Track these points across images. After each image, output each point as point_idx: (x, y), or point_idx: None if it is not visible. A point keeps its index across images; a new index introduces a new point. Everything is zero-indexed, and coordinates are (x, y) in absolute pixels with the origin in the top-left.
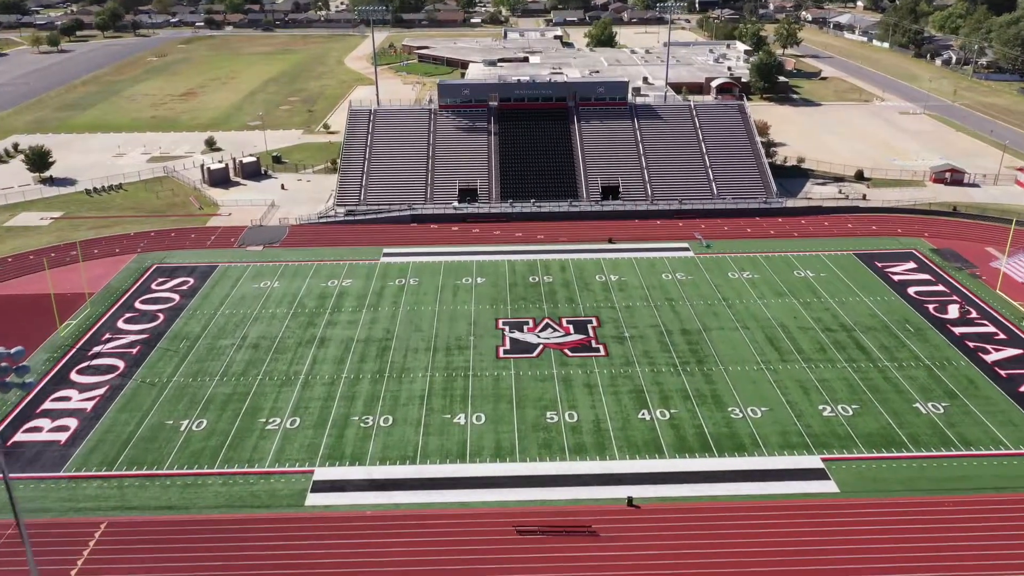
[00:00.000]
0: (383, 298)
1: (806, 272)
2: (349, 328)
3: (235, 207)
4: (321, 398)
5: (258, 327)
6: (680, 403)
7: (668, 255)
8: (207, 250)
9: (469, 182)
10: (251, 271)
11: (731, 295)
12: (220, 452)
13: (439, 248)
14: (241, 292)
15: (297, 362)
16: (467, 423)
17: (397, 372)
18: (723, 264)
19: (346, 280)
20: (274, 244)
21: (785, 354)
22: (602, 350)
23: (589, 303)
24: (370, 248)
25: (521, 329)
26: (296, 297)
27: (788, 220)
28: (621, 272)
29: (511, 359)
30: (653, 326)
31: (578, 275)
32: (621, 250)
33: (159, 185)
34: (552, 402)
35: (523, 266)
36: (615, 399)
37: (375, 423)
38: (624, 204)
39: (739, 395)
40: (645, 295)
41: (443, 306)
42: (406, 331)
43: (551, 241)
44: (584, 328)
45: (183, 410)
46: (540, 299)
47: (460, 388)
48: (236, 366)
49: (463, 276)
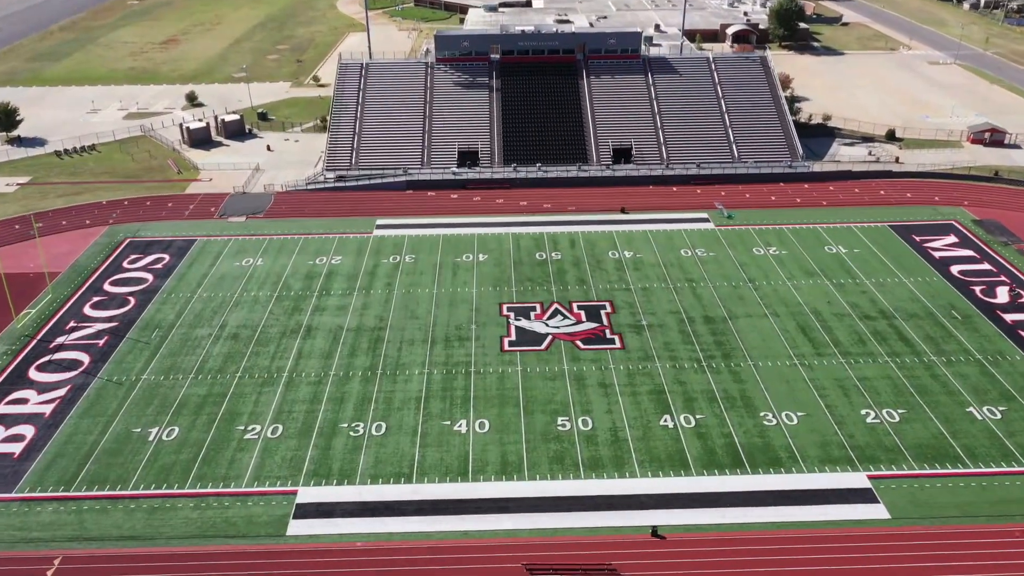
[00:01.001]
0: (376, 278)
1: (838, 247)
2: (338, 315)
3: (216, 171)
4: (306, 400)
5: (238, 313)
6: (706, 407)
7: (686, 227)
8: (185, 221)
9: (469, 144)
10: (232, 246)
11: (757, 275)
12: (192, 468)
13: (437, 219)
14: (221, 271)
15: (280, 356)
16: (469, 431)
17: (391, 368)
18: (747, 238)
19: (335, 257)
20: (258, 214)
21: (820, 347)
22: (617, 341)
23: (602, 284)
24: (362, 219)
25: (528, 316)
26: (281, 277)
27: (815, 186)
28: (636, 247)
29: (517, 352)
30: (673, 312)
31: (589, 251)
32: (635, 221)
33: (135, 146)
34: (563, 406)
35: (529, 240)
36: (633, 401)
37: (366, 431)
38: (637, 168)
39: (772, 397)
40: (663, 274)
41: (442, 288)
42: (401, 318)
43: (559, 211)
44: (597, 314)
45: (152, 415)
46: (548, 280)
47: (461, 388)
48: (213, 361)
49: (463, 252)
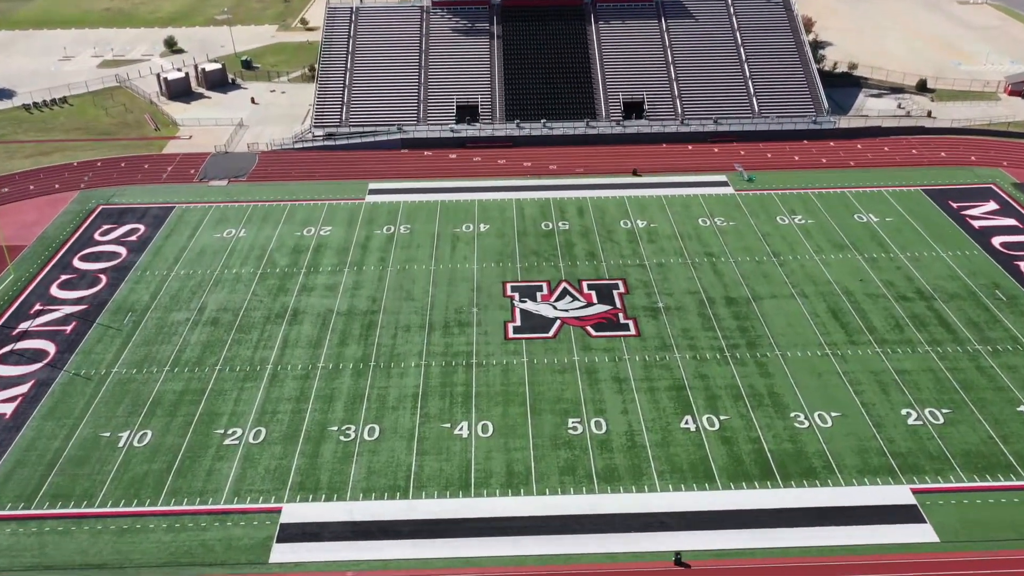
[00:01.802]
0: (368, 252)
1: (868, 215)
2: (327, 295)
3: (197, 128)
4: (292, 398)
5: (219, 294)
6: (731, 405)
7: (704, 191)
8: (162, 186)
9: (468, 98)
10: (213, 215)
11: (782, 248)
12: (166, 480)
13: (434, 183)
14: (200, 244)
15: (264, 345)
16: (471, 436)
17: (385, 360)
18: (769, 204)
19: (325, 227)
20: (241, 178)
21: (854, 333)
22: (632, 327)
23: (614, 259)
24: (353, 183)
25: (534, 297)
26: (265, 251)
27: (842, 144)
28: (650, 215)
29: (523, 340)
30: (692, 292)
31: (599, 220)
32: (649, 185)
33: (110, 98)
34: (574, 404)
35: (533, 208)
36: (651, 399)
37: (358, 435)
38: (650, 125)
39: (802, 394)
40: (680, 248)
41: (440, 264)
42: (396, 300)
43: (566, 173)
44: (609, 295)
45: (123, 416)
46: (555, 254)
47: (461, 383)
48: (190, 351)
49: (463, 222)
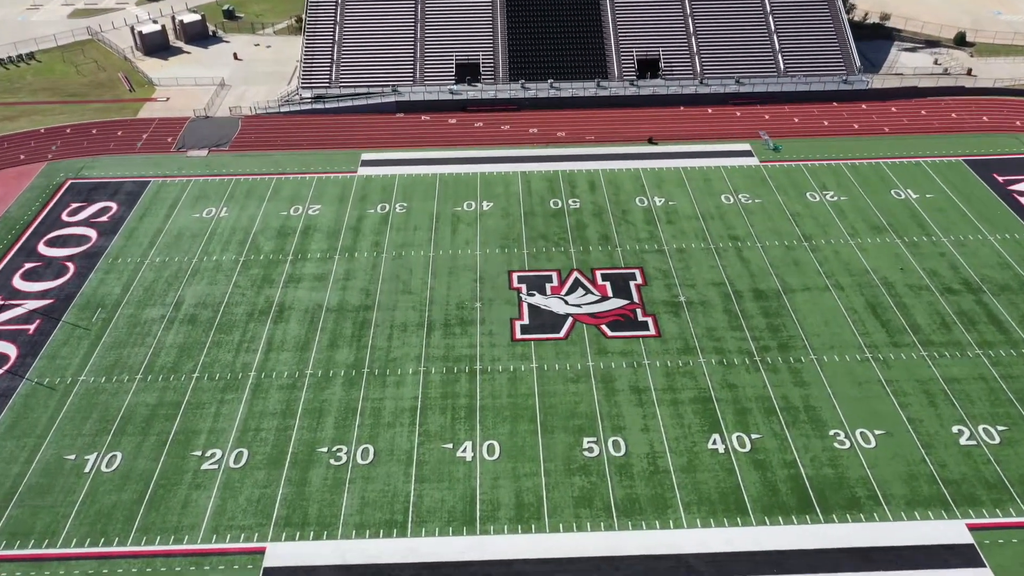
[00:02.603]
0: (361, 236)
1: (907, 191)
2: (316, 287)
3: (175, 88)
4: (277, 413)
5: (197, 286)
6: (763, 422)
7: (726, 163)
8: (137, 156)
9: (469, 55)
10: (192, 190)
11: (814, 230)
12: (137, 513)
13: (432, 152)
14: (178, 226)
15: (247, 348)
16: (475, 458)
17: (380, 366)
18: (798, 178)
19: (313, 206)
20: (222, 146)
21: (896, 333)
22: (651, 326)
23: (630, 244)
24: (344, 153)
25: (543, 289)
26: (248, 235)
27: (874, 107)
28: (668, 191)
29: (531, 342)
30: (716, 284)
31: (612, 196)
32: (666, 155)
33: (81, 54)
34: (590, 420)
35: (541, 181)
36: (674, 413)
37: (350, 458)
38: (667, 85)
39: (842, 407)
40: (701, 230)
41: (439, 250)
42: (391, 293)
43: (575, 141)
44: (625, 287)
45: (91, 434)
46: (565, 237)
47: (464, 394)
48: (165, 355)
49: (464, 199)
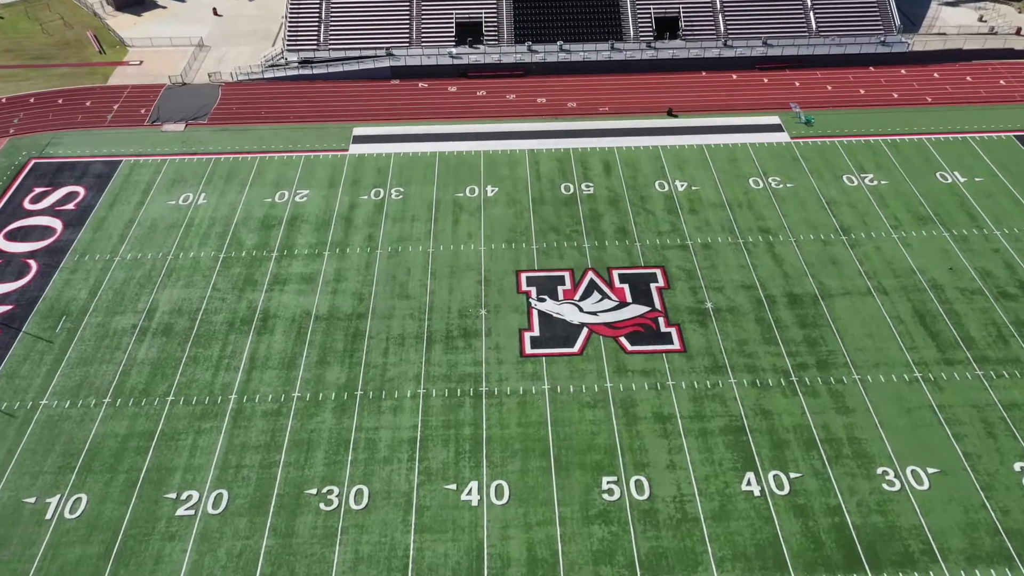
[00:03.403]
0: (353, 228)
1: (954, 174)
2: (304, 290)
3: (149, 50)
4: (261, 445)
5: (173, 290)
6: (803, 457)
7: (754, 139)
8: (107, 131)
9: (470, 14)
10: (167, 172)
11: (853, 222)
12: (104, 570)
13: (431, 127)
14: (151, 215)
15: (227, 366)
16: (482, 502)
17: (374, 387)
18: (833, 158)
19: (301, 191)
20: (200, 119)
21: (947, 348)
22: (675, 338)
23: (649, 237)
24: (335, 127)
25: (554, 293)
26: (229, 226)
27: (915, 72)
28: (690, 173)
29: (542, 358)
30: (746, 286)
31: (630, 180)
32: (687, 130)
33: (47, 9)
34: (608, 455)
35: (550, 163)
36: (703, 446)
37: (342, 502)
38: (687, 47)
39: (890, 439)
40: (728, 220)
41: (439, 244)
42: (387, 298)
43: (588, 113)
44: (646, 291)
45: (53, 472)
46: (579, 230)
47: (469, 422)
48: (137, 373)
49: (467, 183)
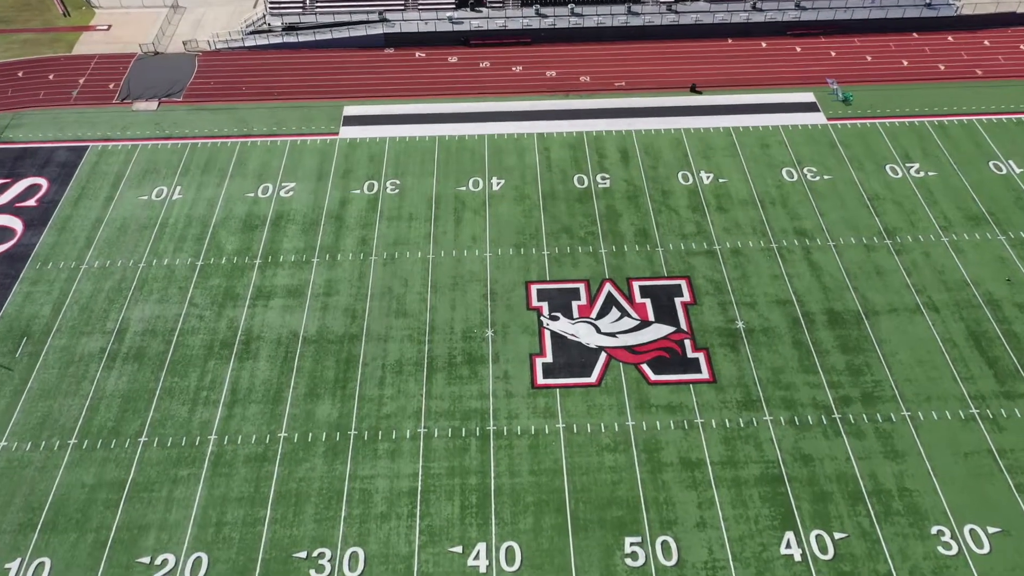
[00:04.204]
0: (345, 229)
1: (1008, 163)
2: (290, 306)
3: (118, 12)
4: (244, 498)
5: (145, 305)
6: (848, 512)
7: (786, 120)
8: (72, 110)
9: None
10: (139, 160)
11: (898, 221)
12: None
13: (429, 105)
14: (121, 214)
15: (205, 399)
16: (491, 568)
17: (370, 425)
18: (875, 143)
19: (286, 184)
20: (175, 96)
21: (1007, 378)
22: (703, 365)
23: (673, 242)
24: (323, 107)
25: (568, 309)
26: (207, 227)
27: (963, 39)
28: (717, 162)
29: (556, 389)
30: (781, 302)
31: (650, 170)
32: (713, 109)
33: None
34: (631, 509)
35: (563, 148)
36: (737, 499)
37: (335, 568)
38: (711, 10)
39: (945, 491)
40: (760, 221)
41: (440, 249)
42: (383, 315)
43: (602, 89)
44: (670, 306)
45: (12, 531)
46: (594, 231)
47: (476, 470)
48: (106, 408)
49: (470, 174)
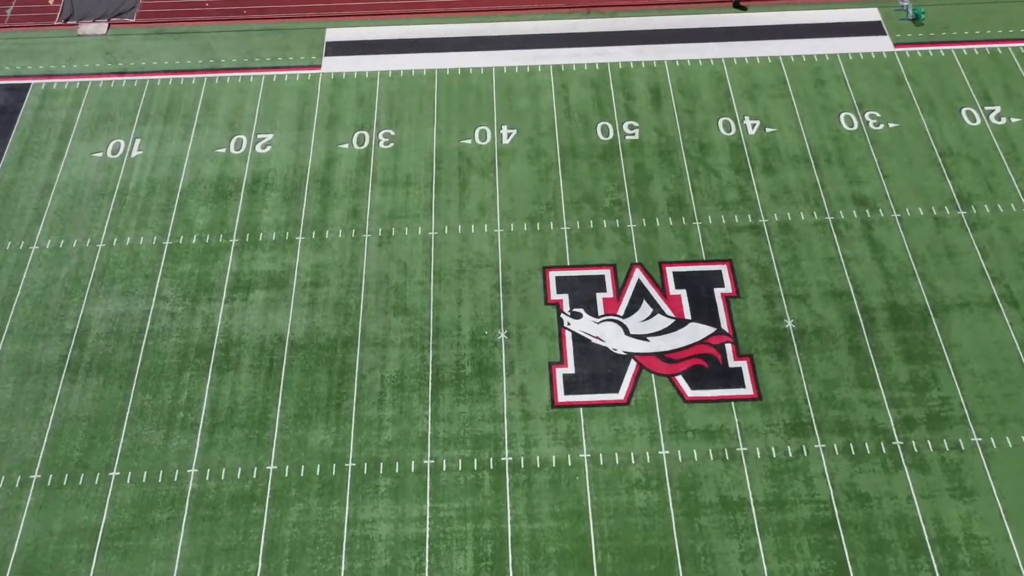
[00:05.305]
0: (332, 197)
1: None
2: (274, 300)
3: None
4: (231, 549)
5: (107, 300)
6: (908, 567)
7: (845, 46)
8: (8, 34)
9: None
10: (90, 103)
11: (974, 186)
12: None
13: (425, 26)
14: (74, 176)
15: (181, 421)
16: None
17: (369, 454)
18: (949, 76)
19: (262, 136)
20: (126, 14)
21: None
22: (747, 377)
23: (712, 213)
24: (302, 29)
25: (592, 304)
26: (174, 195)
27: None
28: (764, 105)
29: (579, 408)
30: (837, 294)
31: (686, 116)
32: (758, 32)
33: None
34: (666, 562)
35: (583, 87)
36: (784, 550)
37: None
38: None
39: (1019, 541)
40: (813, 184)
41: (444, 224)
42: (380, 312)
43: (628, 3)
44: (708, 300)
45: None
46: (621, 200)
47: (490, 512)
48: (70, 434)
49: (475, 121)
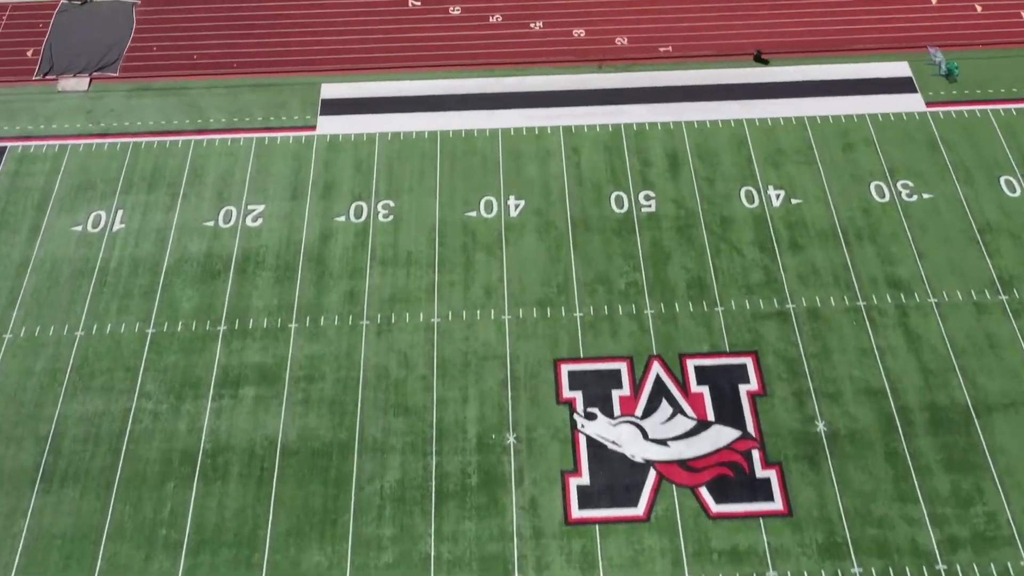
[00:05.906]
0: (327, 277)
1: None
2: (264, 397)
3: None
4: None
5: (85, 398)
6: None
7: (875, 105)
8: None
9: None
10: (69, 169)
11: (1016, 267)
12: None
13: (425, 81)
14: (51, 253)
15: (164, 540)
16: None
17: None
18: (985, 139)
19: (253, 207)
20: (109, 68)
21: None
22: (775, 489)
23: (735, 297)
24: (296, 84)
25: (607, 403)
26: (159, 276)
27: None
28: (788, 173)
29: (595, 525)
30: (871, 393)
31: (705, 185)
32: (782, 89)
33: None
34: None
35: (595, 151)
36: None
37: None
38: None
39: None
40: (844, 266)
41: (447, 310)
42: (379, 412)
43: (643, 55)
44: (733, 399)
45: None
46: (637, 282)
47: None
48: (44, 556)
49: (481, 191)
